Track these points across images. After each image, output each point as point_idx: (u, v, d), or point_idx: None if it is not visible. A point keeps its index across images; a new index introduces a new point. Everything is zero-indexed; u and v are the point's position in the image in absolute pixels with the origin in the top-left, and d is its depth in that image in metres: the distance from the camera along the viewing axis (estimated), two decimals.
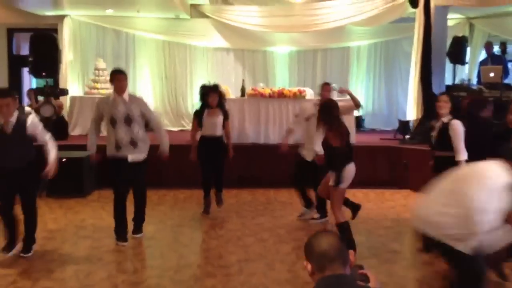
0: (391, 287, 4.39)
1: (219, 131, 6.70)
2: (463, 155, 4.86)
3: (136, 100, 5.70)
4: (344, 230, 4.99)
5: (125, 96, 5.54)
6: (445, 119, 5.05)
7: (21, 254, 5.07)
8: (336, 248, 2.02)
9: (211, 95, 6.63)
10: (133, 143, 5.50)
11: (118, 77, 5.53)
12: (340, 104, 5.57)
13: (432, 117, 9.52)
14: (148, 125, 5.75)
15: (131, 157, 5.49)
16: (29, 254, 5.09)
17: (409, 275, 4.88)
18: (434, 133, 5.15)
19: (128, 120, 5.47)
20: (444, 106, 5.05)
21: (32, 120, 4.98)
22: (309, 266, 2.04)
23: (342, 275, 1.99)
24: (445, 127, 5.01)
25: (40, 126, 5.04)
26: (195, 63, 11.91)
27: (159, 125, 5.89)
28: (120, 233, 5.60)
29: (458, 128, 4.93)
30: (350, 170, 5.02)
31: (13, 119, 4.83)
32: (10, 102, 4.79)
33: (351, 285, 2.01)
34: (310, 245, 2.06)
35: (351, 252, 2.08)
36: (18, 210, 5.12)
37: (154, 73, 11.79)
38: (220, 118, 6.69)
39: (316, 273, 2.01)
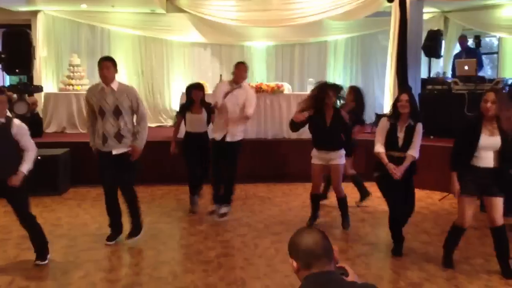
0: (369, 278, 4.43)
1: (203, 128, 6.72)
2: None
3: (126, 90, 5.35)
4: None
5: (114, 85, 5.25)
6: (411, 121, 5.02)
7: (37, 262, 4.79)
8: (322, 245, 2.01)
9: (194, 92, 6.70)
10: (119, 137, 5.22)
11: (103, 64, 5.23)
12: None
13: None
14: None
15: (115, 151, 5.25)
16: (45, 261, 4.83)
17: (386, 266, 4.93)
18: (400, 134, 5.04)
19: (117, 112, 5.20)
20: (407, 106, 4.96)
21: (19, 124, 4.66)
22: (294, 264, 2.02)
23: (329, 271, 1.99)
24: (412, 129, 5.01)
25: (27, 132, 4.73)
26: (172, 59, 11.84)
27: (143, 118, 5.38)
28: (112, 229, 5.51)
29: (421, 130, 5.07)
30: None
31: (2, 119, 4.52)
32: (5, 100, 4.54)
33: (339, 281, 2.00)
34: (295, 242, 2.04)
35: (335, 249, 2.08)
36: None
37: (130, 69, 11.68)
38: (204, 115, 6.69)
39: (301, 270, 2.01)
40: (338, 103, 6.13)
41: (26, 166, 4.65)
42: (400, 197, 5.12)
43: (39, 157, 7.48)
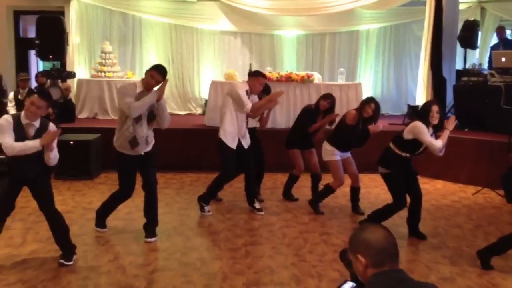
0: None
1: (254, 123, 6.53)
2: None
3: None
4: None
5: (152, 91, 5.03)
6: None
7: (61, 261, 4.52)
8: (394, 243, 1.98)
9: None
10: (147, 141, 5.13)
11: (154, 74, 4.96)
12: None
13: (442, 102, 9.47)
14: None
15: (142, 151, 5.15)
16: (71, 263, 4.54)
17: (417, 260, 4.85)
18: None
19: (151, 117, 5.08)
20: (437, 118, 5.05)
21: (53, 127, 4.55)
22: (363, 260, 1.96)
23: (400, 270, 1.95)
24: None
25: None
26: (202, 47, 11.83)
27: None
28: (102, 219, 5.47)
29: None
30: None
31: (37, 123, 4.41)
32: (44, 106, 4.35)
33: (409, 281, 1.95)
34: (366, 239, 1.97)
35: None
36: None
37: (160, 56, 11.72)
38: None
39: (370, 267, 1.95)
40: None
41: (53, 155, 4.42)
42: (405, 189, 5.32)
43: (71, 142, 7.67)
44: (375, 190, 7.28)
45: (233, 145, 5.95)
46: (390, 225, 5.43)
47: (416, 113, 5.23)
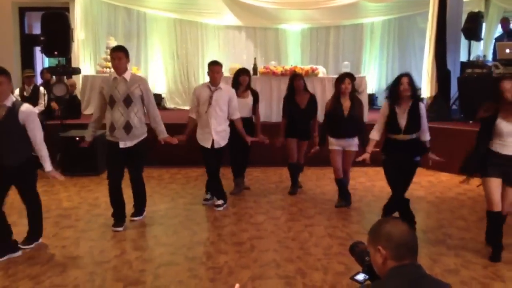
0: None
1: (248, 113, 6.71)
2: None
3: (138, 80, 5.34)
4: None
5: (126, 75, 5.23)
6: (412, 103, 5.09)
7: (20, 245, 4.69)
8: (416, 239, 2.00)
9: (242, 77, 6.71)
10: (127, 128, 5.21)
11: (115, 54, 5.17)
12: None
13: (446, 94, 9.45)
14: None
15: (122, 143, 5.26)
16: (31, 246, 4.77)
17: (421, 252, 4.86)
18: (402, 117, 5.08)
19: (128, 101, 5.20)
20: (408, 89, 5.02)
21: (27, 107, 4.48)
22: (383, 252, 1.97)
23: (419, 266, 1.97)
24: (414, 110, 5.08)
25: (35, 119, 4.51)
26: (207, 41, 11.86)
27: (156, 113, 5.44)
28: (116, 218, 5.44)
29: (424, 111, 5.20)
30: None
31: (8, 102, 4.37)
32: (4, 81, 4.31)
33: (428, 277, 1.97)
34: (387, 232, 1.98)
35: None
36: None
37: (165, 51, 11.76)
38: (250, 99, 6.73)
39: (390, 260, 1.96)
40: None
41: (47, 164, 4.60)
42: (401, 180, 5.22)
43: (77, 138, 7.72)
44: (379, 183, 7.28)
45: (204, 144, 6.05)
46: None
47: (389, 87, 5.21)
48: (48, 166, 4.61)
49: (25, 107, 4.48)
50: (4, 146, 4.39)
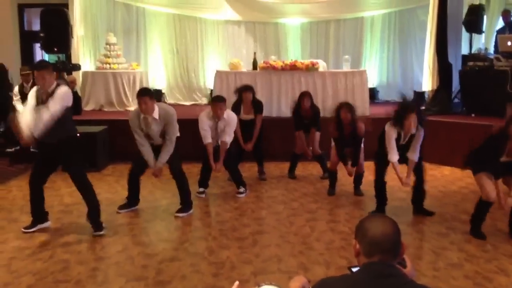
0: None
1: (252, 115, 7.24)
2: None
3: (166, 116, 5.51)
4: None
5: (155, 114, 5.45)
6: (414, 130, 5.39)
7: (95, 233, 5.09)
8: (392, 240, 1.91)
9: (245, 93, 7.14)
10: (157, 149, 5.62)
11: (141, 100, 5.36)
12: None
13: (448, 87, 9.41)
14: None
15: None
16: (102, 232, 5.11)
17: (424, 246, 4.86)
18: (404, 141, 5.48)
19: (162, 134, 5.57)
20: (411, 129, 5.30)
21: (61, 88, 4.85)
22: (357, 246, 1.95)
23: (390, 265, 1.89)
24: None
25: (58, 96, 4.81)
26: (206, 37, 11.81)
27: (172, 142, 5.61)
28: (127, 200, 5.94)
29: (421, 136, 5.51)
30: None
31: (51, 89, 4.83)
32: (45, 74, 4.78)
33: (398, 277, 1.87)
34: (364, 227, 1.95)
35: (404, 244, 1.97)
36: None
37: (165, 47, 11.71)
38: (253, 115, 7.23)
39: (361, 255, 1.94)
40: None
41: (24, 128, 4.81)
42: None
43: (78, 134, 7.69)
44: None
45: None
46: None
47: (395, 113, 5.42)
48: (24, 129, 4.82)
49: (60, 88, 4.86)
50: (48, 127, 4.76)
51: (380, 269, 1.86)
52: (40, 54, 11.81)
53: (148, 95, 5.40)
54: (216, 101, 6.38)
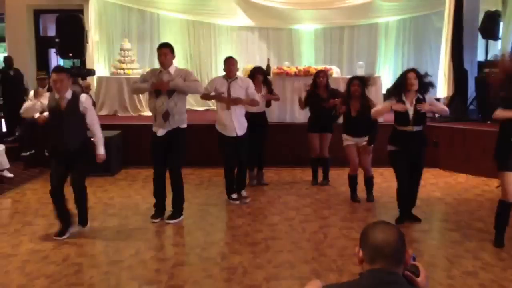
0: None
1: (262, 107, 6.95)
2: None
3: (181, 72, 5.64)
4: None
5: (171, 69, 5.52)
6: (419, 95, 5.36)
7: (79, 227, 5.26)
8: (393, 246, 1.89)
9: (256, 74, 7.00)
10: (166, 115, 5.42)
11: (161, 51, 5.50)
12: None
13: (463, 94, 9.32)
14: None
15: (160, 133, 5.52)
16: (87, 225, 5.32)
17: (439, 254, 4.79)
18: (410, 109, 5.34)
19: (170, 91, 5.42)
20: (415, 84, 5.30)
21: (86, 98, 5.11)
22: (360, 253, 1.95)
23: (393, 272, 1.88)
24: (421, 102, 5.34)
25: (92, 107, 5.18)
26: (220, 43, 11.85)
27: (197, 83, 5.67)
28: (155, 209, 5.76)
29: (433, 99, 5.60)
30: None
31: (68, 95, 4.95)
32: (64, 78, 4.89)
33: (400, 284, 1.87)
34: (367, 234, 1.95)
35: (408, 251, 1.96)
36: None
37: (179, 52, 11.71)
38: (263, 92, 7.00)
39: (365, 262, 1.93)
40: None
41: (101, 147, 5.22)
42: (407, 172, 5.42)
43: (92, 139, 7.74)
44: (395, 185, 7.19)
45: (229, 133, 6.28)
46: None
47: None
48: (101, 149, 5.21)
49: (84, 97, 5.08)
50: (66, 132, 4.94)
51: (382, 276, 1.85)
52: (55, 59, 11.92)
53: (169, 48, 5.53)
54: (228, 57, 6.47)
